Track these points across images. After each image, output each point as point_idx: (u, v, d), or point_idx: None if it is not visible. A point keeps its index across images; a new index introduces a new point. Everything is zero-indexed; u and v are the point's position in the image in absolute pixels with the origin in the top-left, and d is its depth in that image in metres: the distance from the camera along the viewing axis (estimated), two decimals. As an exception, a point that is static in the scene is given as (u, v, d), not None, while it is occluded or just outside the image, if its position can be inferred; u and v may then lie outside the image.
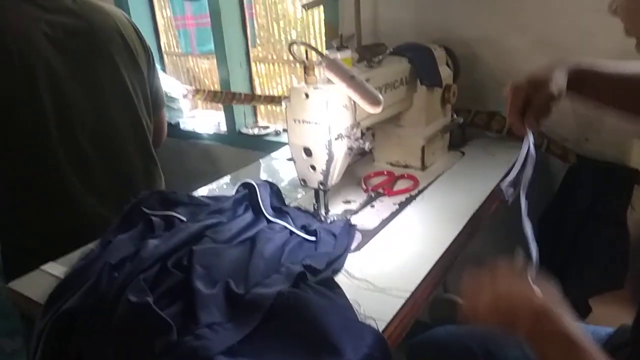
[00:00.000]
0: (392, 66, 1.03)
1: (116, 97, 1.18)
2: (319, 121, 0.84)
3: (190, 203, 0.95)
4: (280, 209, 0.92)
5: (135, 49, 1.24)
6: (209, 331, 0.63)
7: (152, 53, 1.32)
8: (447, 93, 1.17)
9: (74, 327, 0.67)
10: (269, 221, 0.88)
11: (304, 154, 0.89)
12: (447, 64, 1.21)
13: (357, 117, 0.90)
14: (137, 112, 1.24)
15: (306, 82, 0.85)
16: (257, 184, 0.92)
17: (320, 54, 0.79)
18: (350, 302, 0.70)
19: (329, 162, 0.87)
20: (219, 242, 0.81)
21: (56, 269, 0.83)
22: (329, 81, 0.84)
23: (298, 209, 0.95)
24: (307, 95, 0.84)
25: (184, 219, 0.88)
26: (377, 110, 0.77)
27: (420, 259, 0.81)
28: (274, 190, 0.95)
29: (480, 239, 1.02)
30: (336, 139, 0.86)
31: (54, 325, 0.66)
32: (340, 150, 0.88)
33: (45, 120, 1.06)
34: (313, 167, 0.89)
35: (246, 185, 0.94)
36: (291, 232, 0.86)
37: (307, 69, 0.85)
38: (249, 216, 0.90)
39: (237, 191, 0.94)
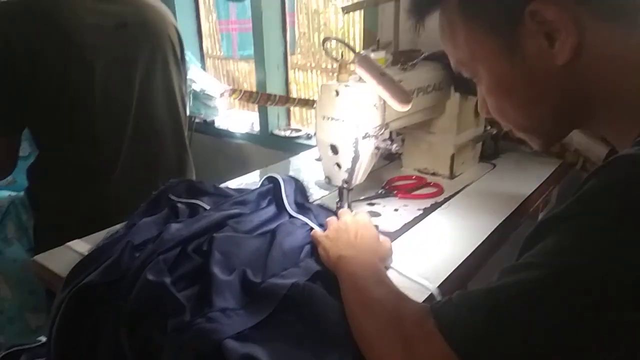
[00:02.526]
0: (426, 71, 1.02)
1: (160, 90, 1.22)
2: (347, 119, 0.84)
3: (215, 193, 0.96)
4: (303, 205, 0.92)
5: (178, 46, 1.28)
6: (221, 315, 0.64)
7: (184, 46, 1.35)
8: (482, 103, 1.15)
9: (92, 301, 0.69)
10: (291, 216, 0.89)
11: (330, 152, 0.89)
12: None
13: (386, 118, 0.90)
14: (177, 105, 1.28)
15: (337, 79, 0.86)
16: (282, 179, 0.93)
17: (353, 50, 0.80)
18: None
19: (355, 160, 0.87)
20: (240, 232, 0.82)
21: (81, 246, 0.85)
22: (360, 80, 0.84)
23: (321, 206, 0.95)
24: (337, 93, 0.84)
25: (208, 207, 0.89)
26: (405, 108, 0.77)
27: (440, 267, 0.80)
28: (299, 186, 0.95)
29: (505, 254, 1.00)
30: (363, 137, 0.86)
31: (72, 298, 0.68)
32: (367, 150, 0.88)
33: (92, 106, 1.10)
34: (338, 165, 0.89)
35: (271, 179, 0.95)
36: (312, 229, 0.86)
37: (340, 66, 0.86)
38: (271, 210, 0.90)
39: (262, 184, 0.95)
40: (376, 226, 0.89)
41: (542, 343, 0.42)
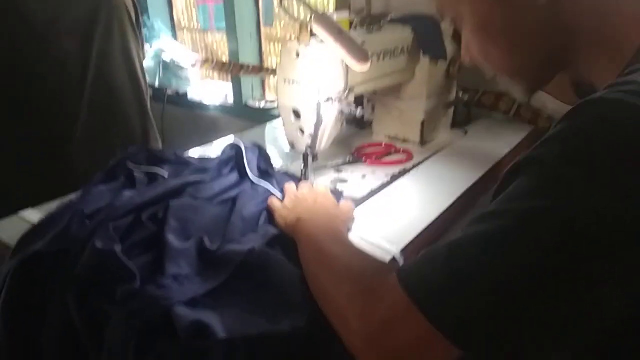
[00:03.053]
0: (393, 33, 0.99)
1: (119, 56, 1.18)
2: (309, 82, 0.81)
3: (176, 162, 0.93)
4: (267, 172, 0.90)
5: (133, 11, 1.23)
6: (173, 282, 0.62)
7: (138, 7, 1.30)
8: (452, 67, 1.13)
9: (40, 271, 0.66)
10: (253, 183, 0.86)
11: (293, 116, 0.87)
12: (454, 38, 1.16)
13: (350, 81, 0.87)
14: (137, 73, 1.24)
15: (298, 40, 0.82)
16: (244, 145, 0.90)
17: (310, 8, 0.76)
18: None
19: (318, 125, 0.84)
20: (199, 200, 0.80)
21: (34, 215, 0.82)
22: (322, 41, 0.81)
23: (285, 174, 0.93)
24: (297, 54, 0.81)
25: (166, 176, 0.86)
26: (364, 67, 0.74)
27: (404, 231, 0.78)
28: (262, 154, 0.92)
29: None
30: (326, 101, 0.83)
31: (19, 268, 0.65)
32: (331, 114, 0.85)
33: (44, 74, 1.06)
34: (302, 130, 0.87)
35: (233, 147, 0.92)
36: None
37: (300, 27, 0.82)
38: (233, 177, 0.87)
39: (224, 152, 0.92)
40: (341, 192, 0.88)
41: (501, 292, 0.40)
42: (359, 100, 0.90)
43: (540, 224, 0.40)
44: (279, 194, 0.83)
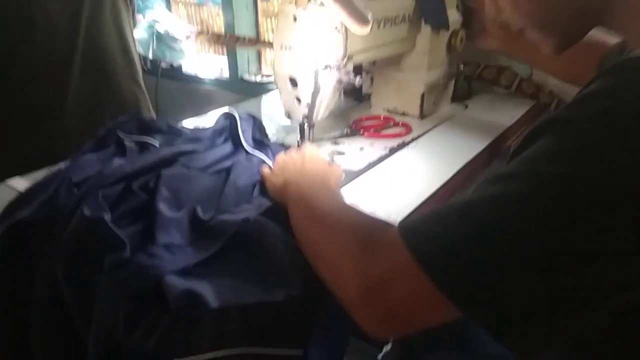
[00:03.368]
0: (395, 0, 0.96)
1: (110, 24, 1.15)
2: (306, 47, 0.78)
3: (168, 131, 0.90)
4: (262, 142, 0.87)
5: None
6: (164, 251, 0.60)
7: None
8: (454, 39, 1.09)
9: (26, 239, 0.64)
10: (247, 153, 0.84)
11: (289, 85, 0.84)
12: (458, 8, 1.13)
13: (350, 49, 0.84)
14: (128, 41, 1.20)
15: (296, 4, 0.79)
16: (238, 115, 0.87)
17: (308, -32, 0.73)
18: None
19: (315, 94, 0.82)
20: (192, 169, 0.77)
21: (21, 184, 0.79)
22: (321, 4, 0.78)
23: (281, 144, 0.90)
24: (295, 18, 0.78)
25: (157, 145, 0.83)
26: (364, 30, 0.71)
27: (403, 204, 0.76)
28: (257, 124, 0.90)
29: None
30: (324, 69, 0.80)
31: (4, 236, 0.63)
32: (328, 83, 0.82)
33: (32, 40, 1.02)
34: (298, 99, 0.84)
35: (227, 116, 0.89)
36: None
37: (298, -11, 0.79)
38: (227, 147, 0.85)
39: (218, 122, 0.89)
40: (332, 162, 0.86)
41: (514, 258, 0.38)
42: (357, 72, 0.87)
43: (561, 191, 0.37)
44: (272, 165, 0.81)
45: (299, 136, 0.89)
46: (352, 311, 0.47)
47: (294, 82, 0.83)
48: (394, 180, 0.84)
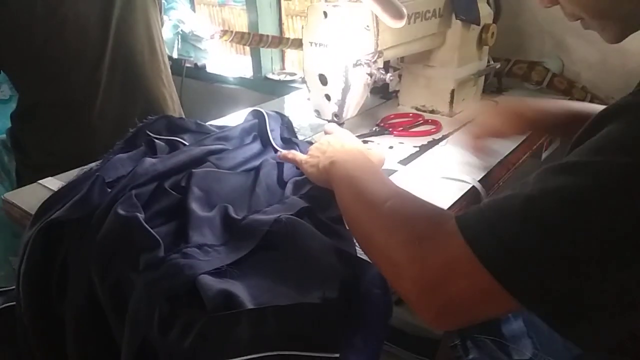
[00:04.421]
0: (425, -5, 0.94)
1: (140, 23, 1.16)
2: (337, 44, 0.77)
3: (197, 130, 0.90)
4: (290, 140, 0.86)
5: None
6: (198, 251, 0.59)
7: None
8: (485, 33, 1.07)
9: (60, 238, 0.64)
10: (276, 151, 0.83)
11: (319, 82, 0.83)
12: (488, 3, 1.10)
13: (380, 45, 0.82)
14: (158, 41, 1.21)
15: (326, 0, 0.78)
16: (267, 113, 0.86)
17: (340, -38, 0.72)
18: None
19: (345, 91, 0.80)
20: (221, 168, 0.77)
21: (54, 183, 0.80)
22: (351, 0, 0.77)
23: (310, 142, 0.89)
24: (325, 14, 0.76)
25: (187, 144, 0.83)
26: (399, 24, 0.69)
27: (435, 203, 0.74)
28: (285, 122, 0.89)
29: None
30: (354, 65, 0.79)
31: (39, 236, 0.63)
32: (359, 80, 0.81)
33: (65, 41, 1.04)
34: (328, 97, 0.83)
35: (256, 114, 0.88)
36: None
37: (328, -15, 0.78)
38: (256, 146, 0.84)
39: (246, 120, 0.89)
40: None
41: (587, 259, 0.36)
42: (385, 68, 0.85)
43: (628, 185, 0.35)
44: None
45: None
46: (409, 301, 0.45)
47: (323, 80, 0.82)
48: (426, 180, 0.82)
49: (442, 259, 0.42)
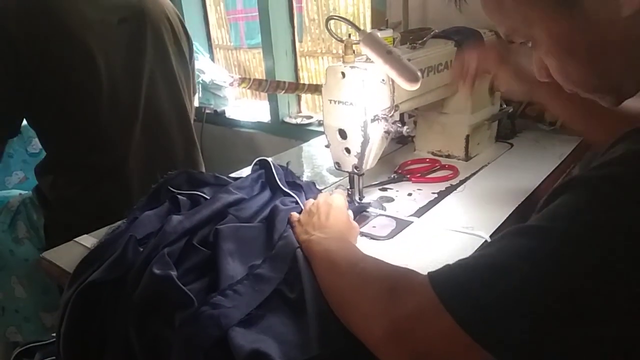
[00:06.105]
0: (437, 48, 0.98)
1: (163, 82, 1.20)
2: (355, 101, 0.81)
3: (216, 183, 0.94)
4: (295, 183, 0.92)
5: (180, 36, 1.25)
6: (222, 298, 0.62)
7: (192, 41, 1.33)
8: (496, 80, 1.10)
9: (98, 298, 0.67)
10: (285, 194, 0.88)
11: (338, 136, 0.86)
12: (498, 51, 1.14)
13: (396, 99, 0.86)
14: (182, 98, 1.25)
15: (344, 61, 0.82)
16: (272, 162, 0.92)
17: (357, 28, 0.76)
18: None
19: (364, 145, 0.84)
20: (241, 220, 0.80)
21: (89, 241, 0.84)
22: (367, 61, 0.81)
23: (312, 183, 0.94)
24: (343, 75, 0.81)
25: (207, 197, 0.87)
26: (414, 87, 0.73)
27: (457, 252, 0.76)
28: (286, 170, 0.95)
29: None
30: (372, 120, 0.82)
31: (78, 297, 0.66)
32: (377, 133, 0.84)
33: (98, 106, 1.08)
34: (348, 150, 0.86)
35: (261, 162, 0.94)
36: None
37: (345, 47, 0.82)
38: (266, 194, 0.90)
39: (253, 170, 0.94)
40: (368, 204, 0.87)
41: (542, 314, 0.40)
42: (401, 121, 0.89)
43: (575, 250, 0.40)
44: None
45: (348, 186, 0.91)
46: (378, 351, 0.49)
47: (343, 134, 0.85)
48: (446, 226, 0.84)
49: (410, 308, 0.47)
